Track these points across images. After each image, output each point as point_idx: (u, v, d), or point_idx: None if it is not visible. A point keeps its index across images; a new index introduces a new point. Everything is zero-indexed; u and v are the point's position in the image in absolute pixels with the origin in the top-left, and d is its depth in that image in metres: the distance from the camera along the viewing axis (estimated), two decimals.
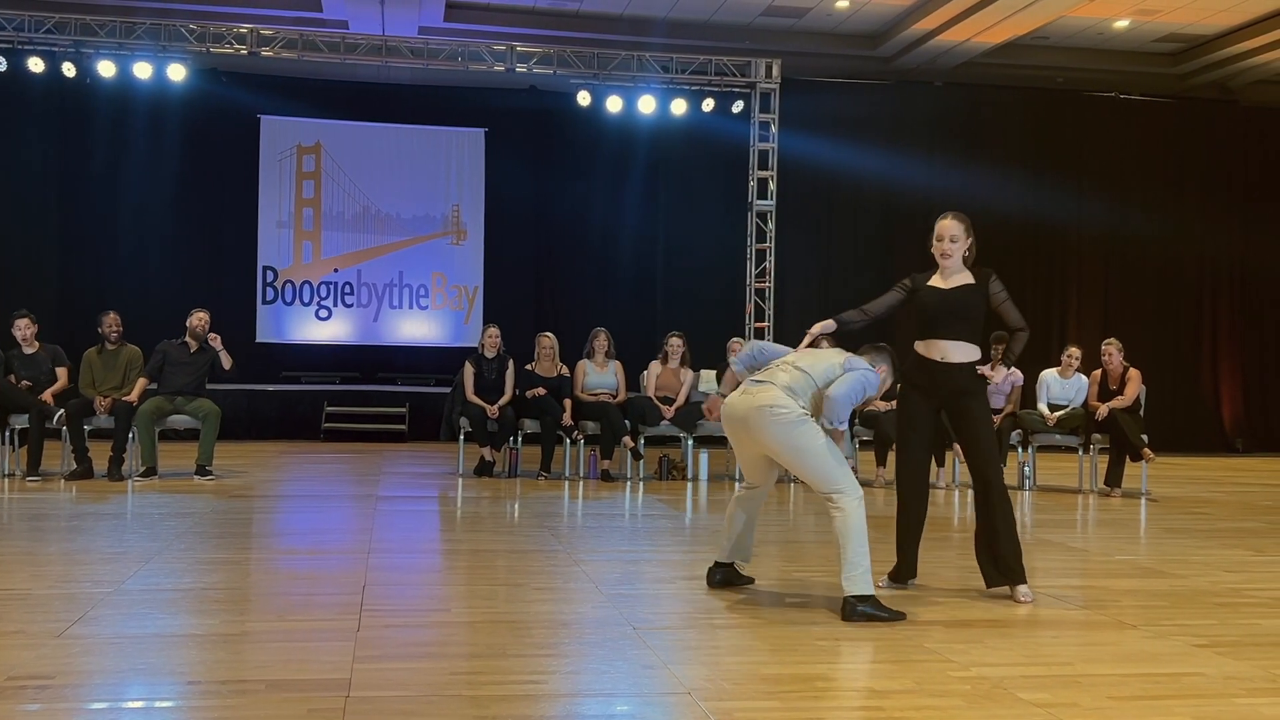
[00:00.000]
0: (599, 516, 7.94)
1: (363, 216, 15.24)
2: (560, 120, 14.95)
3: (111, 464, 9.21)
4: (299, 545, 6.66)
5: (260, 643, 4.26)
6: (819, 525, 7.81)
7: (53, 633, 4.23)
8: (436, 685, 3.71)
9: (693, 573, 5.86)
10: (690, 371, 10.46)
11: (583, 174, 15.28)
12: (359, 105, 15.12)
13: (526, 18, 14.15)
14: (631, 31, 14.26)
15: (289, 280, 15.07)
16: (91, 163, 14.27)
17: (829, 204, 15.44)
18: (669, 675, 3.88)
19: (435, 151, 15.31)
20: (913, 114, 15.60)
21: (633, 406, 10.17)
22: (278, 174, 14.99)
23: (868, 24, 14.40)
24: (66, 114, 14.07)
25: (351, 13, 13.48)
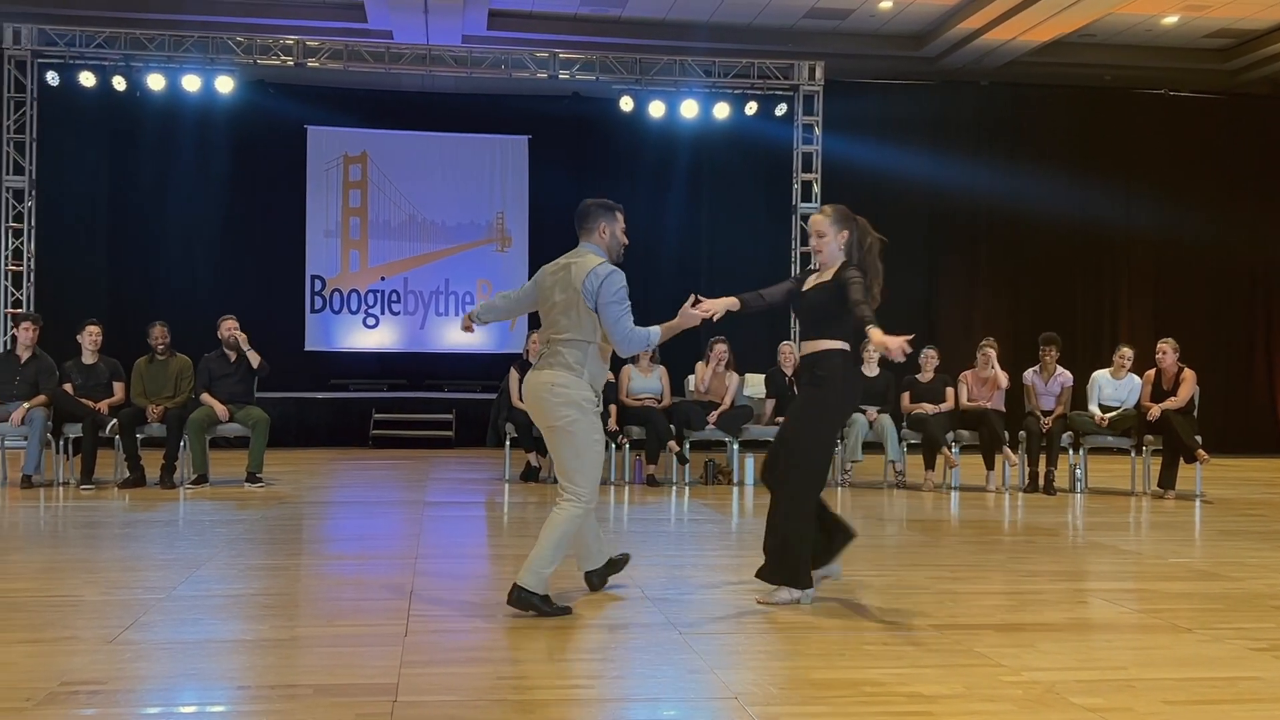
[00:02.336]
0: (644, 521, 7.93)
1: (408, 225, 15.34)
2: (603, 126, 14.98)
3: (163, 472, 9.32)
4: (347, 551, 6.71)
5: (309, 648, 4.28)
6: (867, 528, 7.75)
7: (106, 638, 4.28)
8: (483, 690, 3.71)
9: (739, 577, 5.83)
10: (735, 375, 10.43)
11: (625, 179, 15.27)
12: (404, 114, 15.22)
13: (569, 24, 14.18)
14: (674, 36, 14.26)
15: (336, 289, 15.19)
16: (141, 175, 14.46)
17: (873, 206, 15.03)
18: (715, 680, 3.86)
19: (479, 159, 15.38)
20: (957, 114, 15.48)
21: (677, 411, 10.15)
22: (325, 183, 15.12)
23: (912, 24, 14.30)
24: (117, 127, 14.26)
25: (396, 23, 13.57)
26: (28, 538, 6.89)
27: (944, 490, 9.97)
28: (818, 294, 5.24)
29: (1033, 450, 10.02)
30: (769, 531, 5.16)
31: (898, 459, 10.24)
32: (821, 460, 5.19)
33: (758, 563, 5.38)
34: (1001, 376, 10.31)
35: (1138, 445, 9.96)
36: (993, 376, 10.32)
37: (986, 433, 10.06)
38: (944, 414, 10.21)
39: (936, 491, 9.91)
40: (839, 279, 5.13)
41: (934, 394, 10.34)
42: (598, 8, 13.81)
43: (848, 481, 10.28)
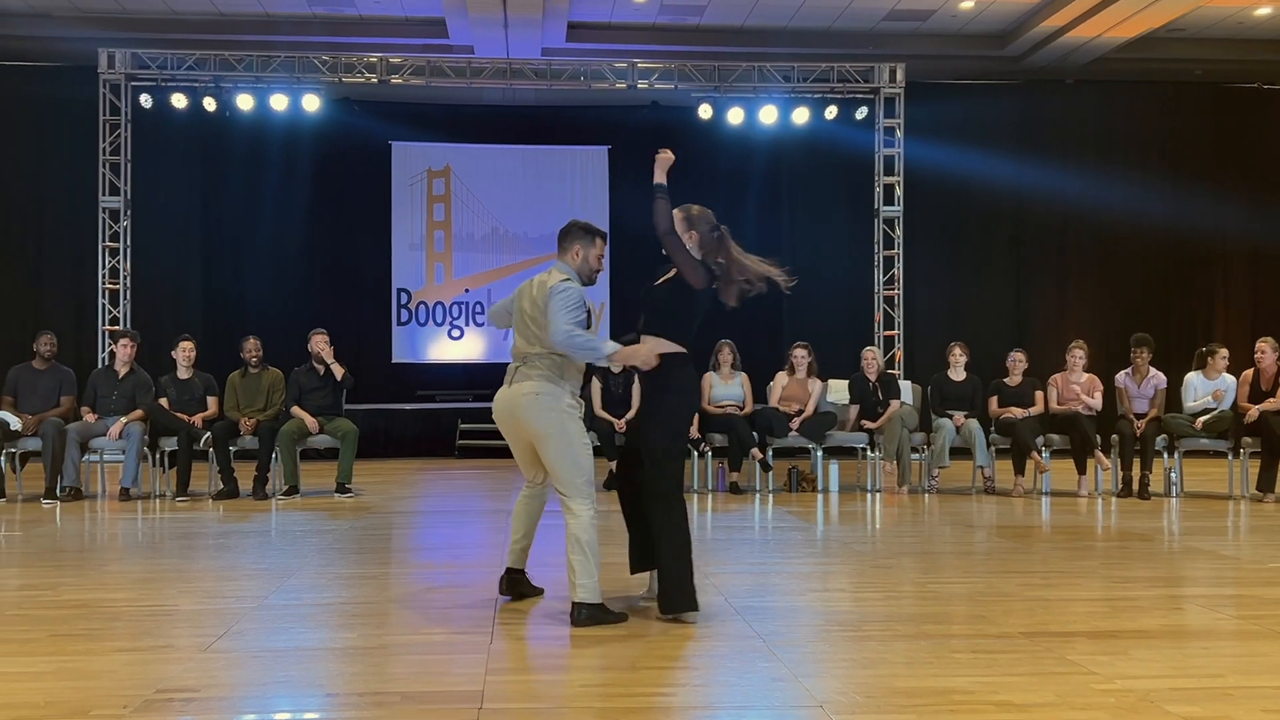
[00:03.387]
0: (728, 529, 7.90)
1: (491, 237, 15.50)
2: (682, 134, 14.93)
3: (256, 483, 9.52)
4: (434, 560, 6.78)
5: (397, 655, 4.34)
6: (955, 535, 7.65)
7: (200, 646, 4.38)
8: (568, 697, 3.73)
9: (824, 585, 5.80)
10: (818, 382, 10.36)
11: (705, 186, 15.20)
12: (485, 128, 15.39)
13: (647, 34, 14.23)
14: (752, 42, 14.23)
15: (422, 301, 15.40)
16: (231, 193, 14.78)
17: (957, 209, 15.14)
18: (800, 688, 3.83)
19: (560, 170, 15.49)
20: (1043, 114, 15.21)
21: (760, 418, 10.11)
22: (409, 198, 15.34)
23: (994, 23, 14.11)
24: (208, 147, 14.61)
25: (477, 38, 13.74)
26: (126, 549, 7.08)
27: (1034, 496, 9.80)
28: (661, 290, 5.26)
29: (1126, 454, 9.80)
30: (659, 555, 5.00)
31: (986, 464, 10.09)
32: (680, 459, 5.20)
33: (844, 570, 5.35)
34: (1092, 379, 10.12)
35: (1235, 448, 9.70)
36: (1084, 380, 10.13)
37: (1078, 437, 9.87)
38: (1033, 418, 10.04)
39: (1026, 497, 9.74)
40: (679, 280, 5.16)
41: (1023, 398, 10.17)
42: (676, 16, 13.84)
43: (935, 488, 10.15)
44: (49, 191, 14.20)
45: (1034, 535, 7.71)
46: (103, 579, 5.80)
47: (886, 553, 6.81)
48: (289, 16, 13.70)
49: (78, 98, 13.63)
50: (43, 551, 6.78)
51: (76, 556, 6.71)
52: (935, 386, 10.49)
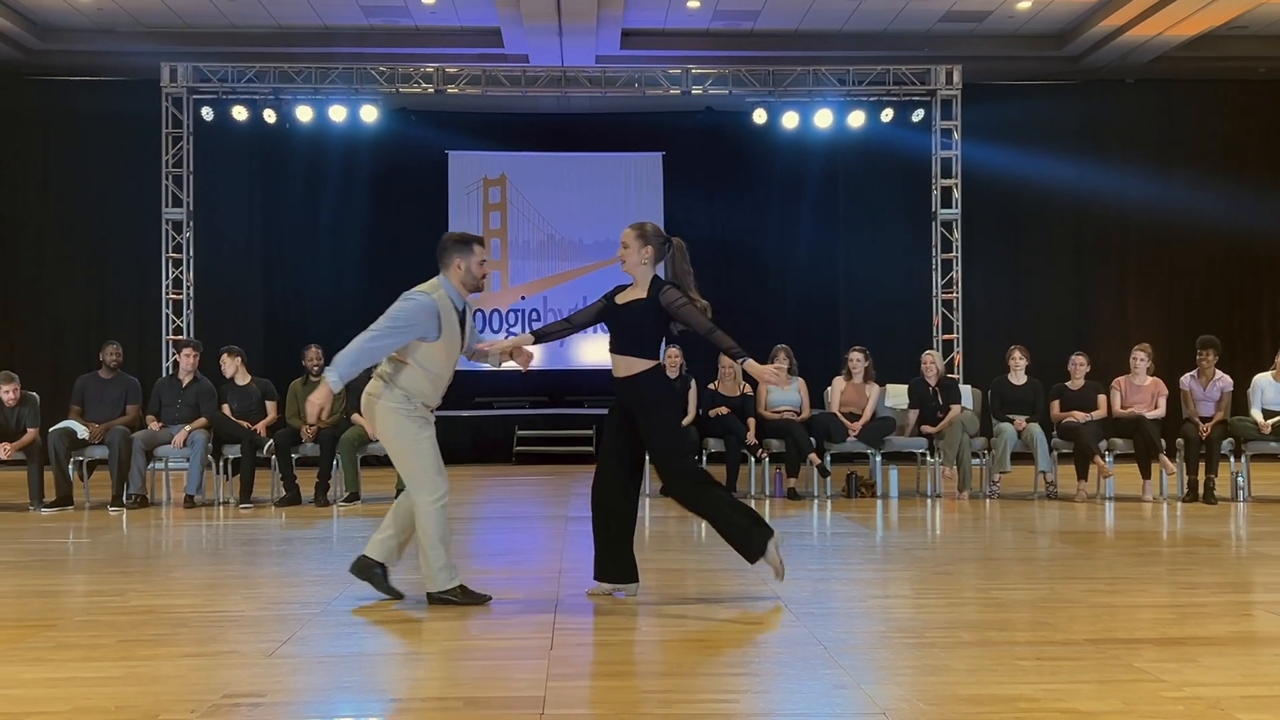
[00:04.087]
0: (786, 535, 7.85)
1: (547, 244, 15.56)
2: (736, 139, 14.97)
3: (317, 490, 9.63)
4: (494, 566, 6.81)
5: (458, 661, 4.36)
6: (1017, 541, 7.57)
7: (265, 652, 4.43)
8: (629, 704, 3.73)
9: (885, 591, 5.76)
10: (876, 386, 10.29)
11: (760, 190, 15.24)
12: (540, 136, 15.46)
13: (701, 40, 14.22)
14: (806, 46, 14.17)
15: (479, 309, 15.47)
16: (291, 203, 14.97)
17: (1016, 211, 14.98)
18: (863, 695, 3.80)
19: (615, 177, 15.52)
20: (1103, 114, 15.01)
21: (817, 423, 10.06)
22: (465, 206, 15.45)
23: (1052, 23, 13.94)
24: (268, 158, 14.81)
25: (532, 46, 13.81)
26: (191, 555, 7.18)
27: (1098, 501, 9.67)
28: (632, 312, 5.42)
29: (1191, 458, 9.64)
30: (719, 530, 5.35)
31: (1048, 469, 9.97)
32: (689, 455, 5.50)
33: (905, 576, 5.31)
34: (1156, 383, 9.97)
35: None
36: (1148, 383, 9.98)
37: (1142, 441, 9.72)
38: (1096, 422, 9.90)
39: (1090, 502, 9.61)
40: (659, 301, 5.35)
41: (1085, 401, 10.04)
42: (730, 22, 13.82)
43: (996, 493, 10.04)
44: (114, 204, 14.47)
45: (1098, 541, 7.60)
46: (168, 585, 5.89)
47: (947, 559, 6.74)
48: (347, 28, 13.86)
49: (141, 111, 13.88)
50: (110, 558, 6.91)
51: (143, 563, 6.82)
52: (995, 390, 10.38)
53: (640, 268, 5.47)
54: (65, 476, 9.37)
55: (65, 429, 9.43)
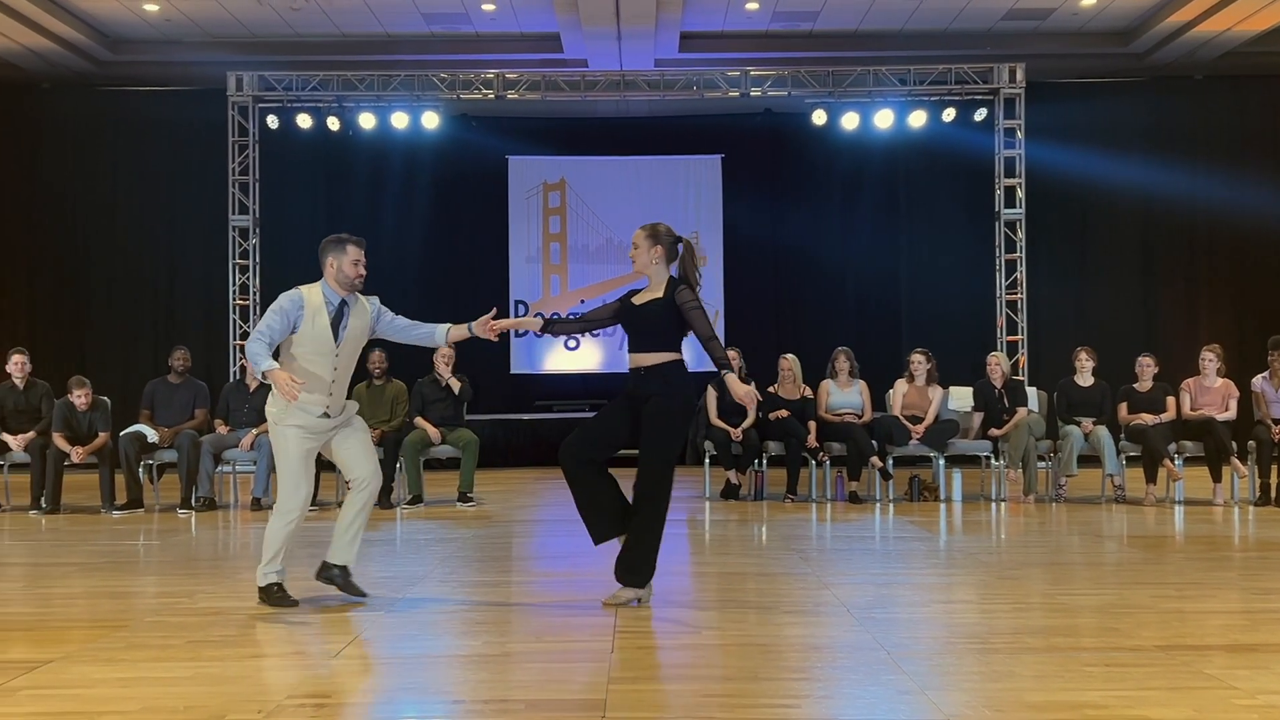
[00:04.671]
0: (848, 539, 7.82)
1: (606, 248, 15.59)
2: (796, 140, 14.92)
3: (381, 493, 9.67)
4: (555, 569, 6.84)
5: (520, 663, 4.38)
6: (1084, 545, 7.46)
7: (330, 653, 4.48)
8: (690, 707, 3.72)
9: (948, 596, 5.70)
10: (939, 389, 10.18)
11: (820, 192, 15.17)
12: (599, 140, 15.51)
13: (760, 41, 14.19)
14: (867, 47, 14.08)
15: (539, 313, 15.51)
16: (354, 210, 15.11)
17: (1082, 210, 14.77)
18: (927, 701, 3.77)
19: (673, 180, 15.52)
20: (1171, 112, 14.74)
21: (879, 426, 9.98)
22: (525, 211, 15.52)
23: (1117, 20, 13.73)
24: (331, 165, 14.98)
25: (590, 51, 13.86)
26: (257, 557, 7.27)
27: (1167, 505, 9.50)
28: (651, 311, 5.50)
29: (1264, 461, 9.45)
30: (646, 544, 5.44)
31: (1116, 472, 9.81)
32: (672, 466, 5.53)
33: (969, 581, 5.25)
34: (1227, 384, 9.78)
35: None
36: (1218, 385, 9.79)
37: (1212, 443, 9.54)
38: (1165, 424, 9.73)
39: (1159, 506, 9.45)
40: (675, 300, 5.43)
41: (1153, 403, 9.87)
42: (789, 23, 13.77)
43: (1063, 497, 9.90)
44: (182, 211, 14.73)
45: (1167, 545, 7.47)
46: (236, 587, 5.98)
47: (1012, 563, 6.66)
48: (409, 36, 14.00)
49: (208, 120, 14.10)
50: (178, 560, 7.03)
51: (211, 565, 6.93)
52: (1062, 392, 10.24)
53: (653, 267, 5.56)
54: (136, 479, 9.55)
55: (136, 433, 9.61)
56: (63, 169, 14.79)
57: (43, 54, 13.74)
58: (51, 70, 14.29)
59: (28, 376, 9.82)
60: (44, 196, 14.78)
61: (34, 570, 6.65)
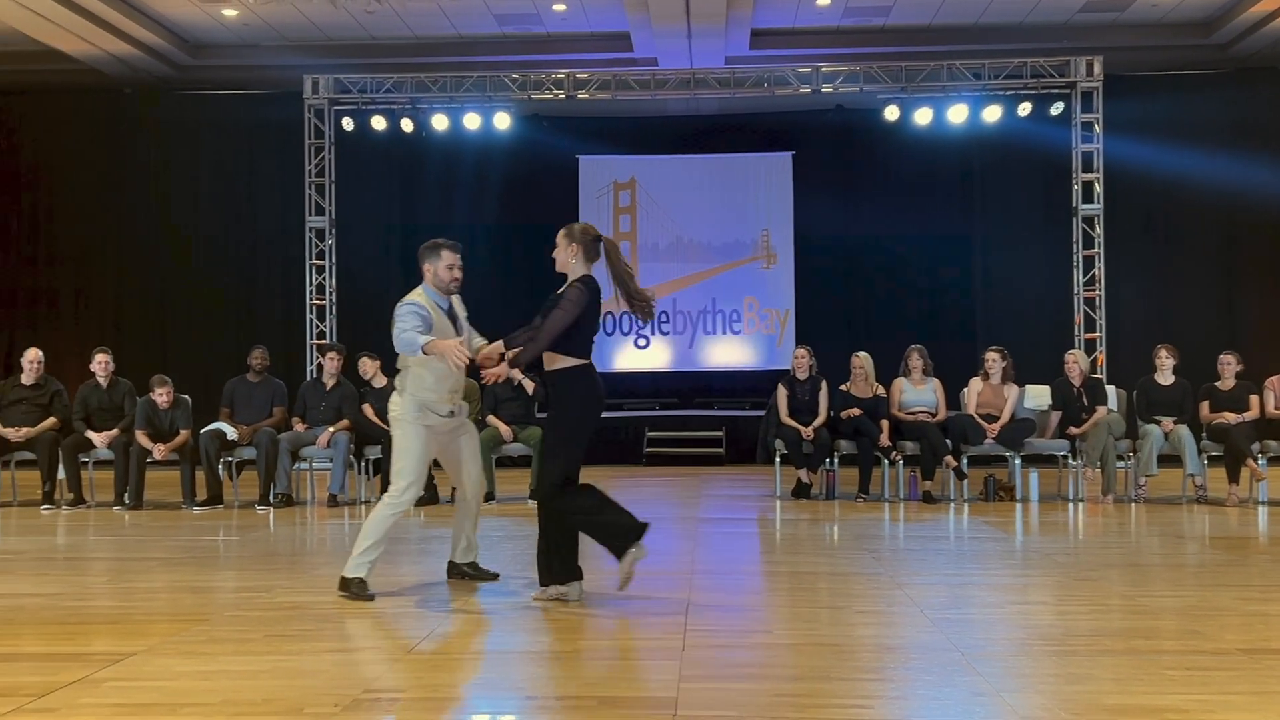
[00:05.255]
0: (921, 539, 7.74)
1: (676, 246, 15.60)
2: (867, 136, 14.81)
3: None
4: None
5: (591, 660, 4.40)
6: (1164, 546, 7.32)
7: (405, 648, 4.54)
8: (762, 706, 3.71)
9: (1024, 597, 5.62)
10: (1015, 387, 10.04)
11: (892, 188, 15.03)
12: (669, 138, 15.52)
13: (831, 37, 14.10)
14: (940, 41, 13.94)
15: (609, 311, 15.57)
16: (427, 210, 15.28)
17: (1162, 206, 14.49)
18: (1002, 704, 3.72)
19: (744, 178, 15.48)
20: (1254, 105, 14.39)
21: (954, 425, 9.87)
22: (596, 210, 15.58)
23: (1197, 11, 13.45)
24: (405, 166, 15.17)
25: (661, 49, 13.88)
26: (334, 553, 7.38)
27: (1250, 505, 9.29)
28: (548, 306, 5.51)
29: None
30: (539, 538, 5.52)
31: (1198, 472, 9.61)
32: (572, 469, 5.53)
33: (1046, 582, 5.19)
34: None
35: None
36: None
37: None
38: (1248, 423, 9.52)
39: (1241, 507, 9.24)
40: (559, 294, 5.48)
41: (1236, 402, 9.65)
42: (861, 19, 13.67)
43: (1142, 497, 9.72)
44: (260, 213, 15.00)
45: (1250, 546, 7.30)
46: (313, 582, 6.07)
47: (1090, 564, 6.55)
48: (481, 37, 14.13)
49: (285, 123, 14.35)
50: (257, 555, 7.15)
51: (289, 560, 7.04)
52: (1141, 391, 10.05)
53: (570, 265, 5.63)
54: (216, 476, 9.73)
55: (216, 430, 9.79)
56: (145, 172, 15.14)
57: (126, 60, 14.06)
58: (134, 75, 14.62)
59: (111, 375, 10.06)
60: (128, 199, 15.15)
61: (117, 565, 6.81)
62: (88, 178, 15.15)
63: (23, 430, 9.76)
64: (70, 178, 15.16)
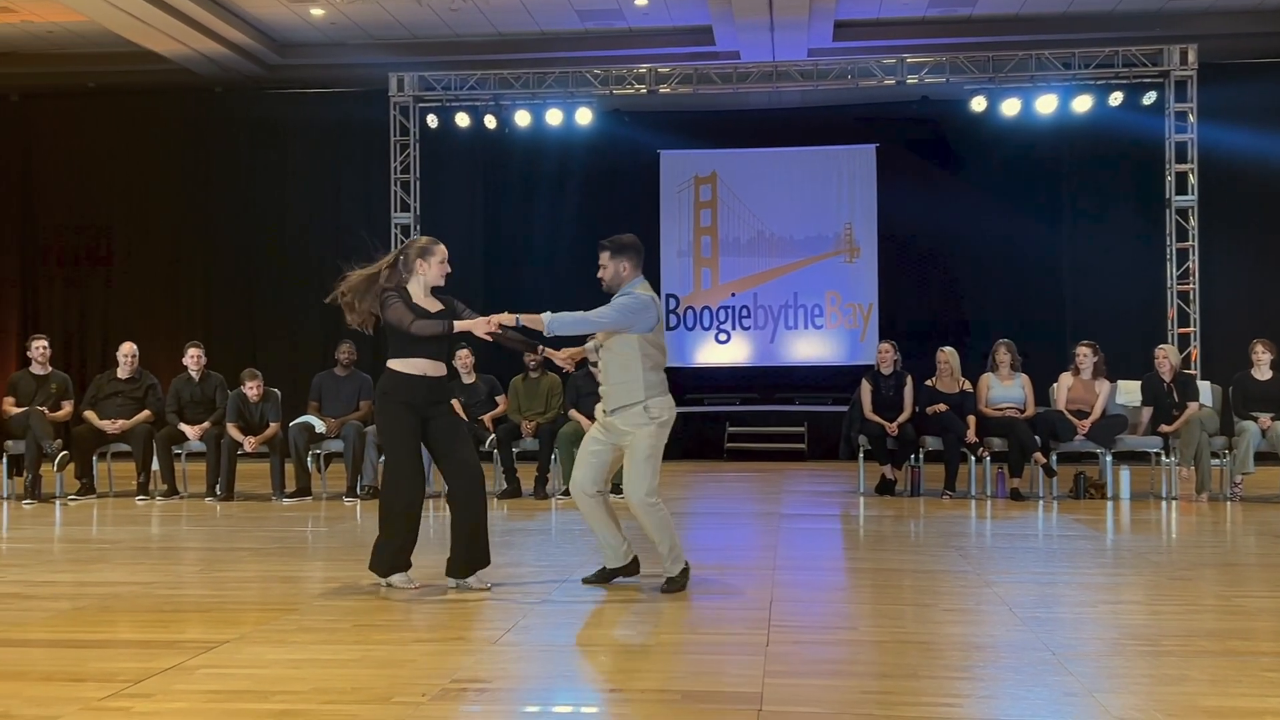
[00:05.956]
0: (1009, 536, 7.61)
1: (757, 241, 15.52)
2: (953, 128, 14.60)
3: (536, 483, 9.89)
4: (707, 561, 6.82)
5: (674, 654, 4.40)
6: (1261, 546, 7.12)
7: (490, 639, 4.57)
8: (848, 703, 3.68)
9: (1116, 597, 5.50)
10: (1106, 382, 9.83)
11: (978, 180, 14.78)
12: (751, 132, 15.43)
13: (916, 28, 13.92)
14: (1028, 30, 13.68)
15: (690, 306, 15.58)
16: (510, 206, 15.39)
17: (1259, 197, 14.06)
18: (1095, 704, 3.64)
19: (826, 171, 15.35)
20: None
21: (1043, 421, 9.69)
22: (677, 205, 15.56)
23: None
24: (488, 163, 15.27)
25: (743, 43, 13.81)
26: (420, 545, 7.46)
27: None
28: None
29: None
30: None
31: None
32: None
33: (1138, 581, 5.07)
34: None
35: None
36: None
37: None
38: None
39: None
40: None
41: None
42: (947, 8, 13.47)
43: (1238, 496, 9.46)
44: (346, 210, 15.20)
45: None
46: None
47: (1184, 564, 6.40)
48: (563, 33, 14.18)
49: (370, 120, 14.54)
50: (345, 546, 7.26)
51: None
52: (1237, 387, 9.78)
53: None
54: (304, 468, 9.90)
55: (304, 423, 9.96)
56: (234, 170, 15.44)
57: (216, 59, 14.35)
58: (224, 75, 14.92)
59: (203, 369, 10.28)
60: (218, 197, 15.47)
61: (209, 555, 6.96)
62: (178, 176, 15.50)
63: (119, 423, 10.02)
64: (161, 176, 15.51)
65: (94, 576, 6.11)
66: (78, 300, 15.71)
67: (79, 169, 15.60)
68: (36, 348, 10.27)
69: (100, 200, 15.62)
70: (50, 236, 15.72)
